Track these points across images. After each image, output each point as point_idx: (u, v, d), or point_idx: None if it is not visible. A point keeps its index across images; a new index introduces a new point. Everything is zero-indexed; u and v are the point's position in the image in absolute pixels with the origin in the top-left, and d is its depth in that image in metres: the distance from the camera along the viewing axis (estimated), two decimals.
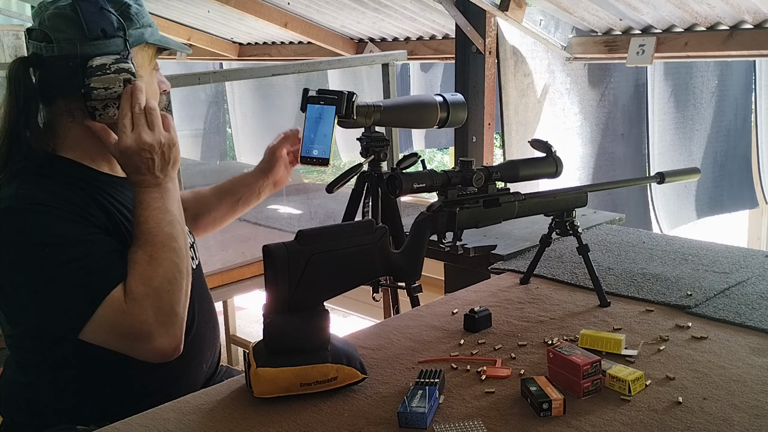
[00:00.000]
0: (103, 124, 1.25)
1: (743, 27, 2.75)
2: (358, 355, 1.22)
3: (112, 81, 1.21)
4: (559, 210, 1.55)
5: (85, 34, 1.20)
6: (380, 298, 2.15)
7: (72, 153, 1.28)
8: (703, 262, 1.79)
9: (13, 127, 1.24)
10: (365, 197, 1.96)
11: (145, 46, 1.28)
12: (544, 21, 3.17)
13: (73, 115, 1.26)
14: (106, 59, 1.20)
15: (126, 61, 1.22)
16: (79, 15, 1.19)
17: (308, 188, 3.41)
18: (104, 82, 1.20)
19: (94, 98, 1.21)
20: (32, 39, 1.24)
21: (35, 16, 1.24)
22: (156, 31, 1.31)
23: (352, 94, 1.75)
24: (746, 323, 1.41)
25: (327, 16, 4.20)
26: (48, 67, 1.23)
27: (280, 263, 1.15)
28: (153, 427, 1.11)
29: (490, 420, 1.08)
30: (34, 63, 1.24)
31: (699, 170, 1.68)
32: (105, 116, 1.23)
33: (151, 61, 1.31)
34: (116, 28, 1.22)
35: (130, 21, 1.24)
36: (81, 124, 1.26)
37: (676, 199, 3.49)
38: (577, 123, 3.46)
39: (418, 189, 1.37)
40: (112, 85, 1.21)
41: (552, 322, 1.46)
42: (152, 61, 1.31)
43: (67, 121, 1.27)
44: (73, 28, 1.20)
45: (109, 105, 1.22)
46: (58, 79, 1.22)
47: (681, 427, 1.05)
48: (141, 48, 1.27)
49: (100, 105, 1.22)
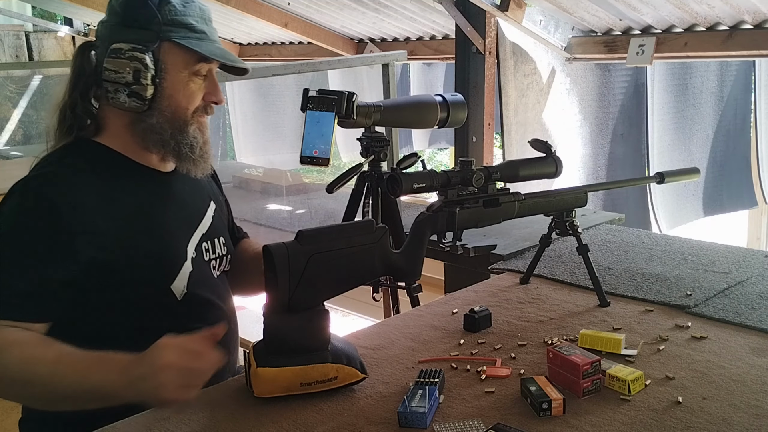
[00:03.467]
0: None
1: (743, 27, 2.76)
2: (358, 355, 1.22)
3: (122, 66, 1.23)
4: (559, 210, 1.55)
5: (120, 20, 1.26)
6: (380, 298, 2.16)
7: (113, 142, 1.31)
8: (702, 262, 1.79)
9: (63, 105, 1.30)
10: (365, 197, 1.97)
11: (178, 49, 1.28)
12: (544, 21, 3.17)
13: (104, 98, 1.29)
14: (125, 45, 1.24)
15: (143, 52, 1.24)
16: (123, 2, 1.26)
17: (308, 188, 3.42)
18: (115, 65, 1.24)
19: (105, 79, 1.25)
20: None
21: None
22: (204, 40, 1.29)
23: (352, 94, 1.75)
24: (746, 323, 1.41)
25: (327, 17, 4.21)
26: (96, 50, 1.29)
27: (280, 263, 1.15)
28: (153, 427, 1.11)
29: (490, 420, 1.08)
30: (92, 48, 1.30)
31: (698, 170, 1.68)
32: (116, 101, 1.26)
33: (189, 66, 1.29)
34: (152, 21, 1.25)
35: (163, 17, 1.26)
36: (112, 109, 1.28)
37: (675, 199, 3.49)
38: (577, 123, 3.46)
39: (418, 189, 1.37)
40: (121, 70, 1.24)
41: (552, 321, 1.46)
42: (190, 66, 1.29)
43: (104, 104, 1.30)
44: (114, 14, 1.27)
45: (119, 90, 1.25)
46: (98, 61, 1.28)
47: (680, 426, 1.05)
48: (174, 49, 1.27)
49: (111, 88, 1.25)
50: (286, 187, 3.52)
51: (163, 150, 1.31)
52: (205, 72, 1.32)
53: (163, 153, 1.31)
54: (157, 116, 1.28)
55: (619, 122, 3.55)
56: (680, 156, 3.46)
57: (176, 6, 1.27)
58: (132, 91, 1.25)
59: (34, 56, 6.05)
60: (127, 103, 1.26)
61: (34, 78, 6.03)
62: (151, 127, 1.28)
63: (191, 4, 1.30)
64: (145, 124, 1.28)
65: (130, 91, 1.25)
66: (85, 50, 1.30)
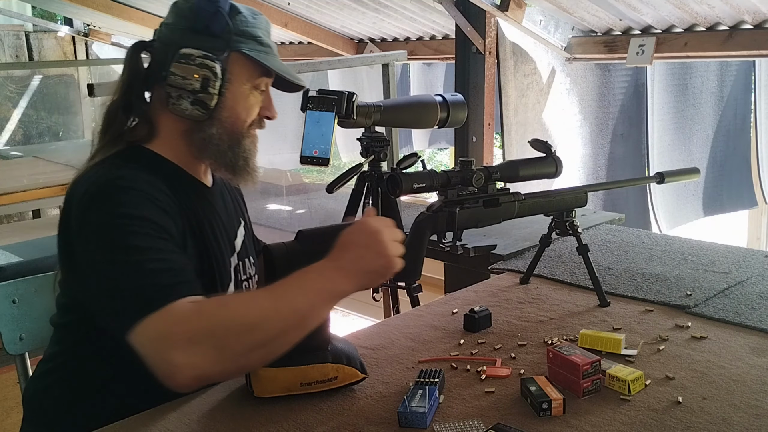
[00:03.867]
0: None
1: (743, 27, 2.75)
2: (358, 355, 1.22)
3: (190, 72, 1.20)
4: (559, 210, 1.55)
5: (190, 25, 1.23)
6: (380, 298, 2.16)
7: (164, 149, 1.27)
8: (702, 262, 1.79)
9: (114, 106, 1.26)
10: (365, 197, 1.97)
11: (245, 60, 1.26)
12: (544, 21, 3.17)
13: (161, 103, 1.26)
14: (195, 51, 1.21)
15: (213, 61, 1.21)
16: (193, 7, 1.23)
17: (308, 188, 3.42)
18: (183, 70, 1.21)
19: (170, 84, 1.21)
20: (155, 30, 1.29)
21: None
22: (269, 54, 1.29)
23: (352, 94, 1.75)
24: (746, 323, 1.41)
25: (327, 17, 4.21)
26: (153, 52, 1.26)
27: (280, 263, 1.15)
28: (153, 427, 1.11)
29: (490, 420, 1.08)
30: (148, 47, 1.27)
31: (699, 170, 1.68)
32: (177, 108, 1.22)
33: (252, 79, 1.28)
34: (223, 31, 1.23)
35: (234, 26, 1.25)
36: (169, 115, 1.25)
37: (675, 199, 3.49)
38: (577, 123, 3.46)
39: (418, 189, 1.37)
40: (189, 77, 1.20)
41: (552, 321, 1.46)
42: (253, 79, 1.28)
43: (159, 109, 1.27)
44: (183, 18, 1.24)
45: (183, 97, 1.22)
46: (156, 63, 1.25)
47: (680, 426, 1.05)
48: (242, 60, 1.26)
49: (174, 93, 1.22)
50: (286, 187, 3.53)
51: (217, 161, 1.28)
52: (264, 86, 1.31)
53: (216, 164, 1.29)
54: (216, 127, 1.26)
55: (619, 122, 3.55)
56: (680, 156, 3.46)
57: (247, 17, 1.27)
58: (197, 98, 1.22)
59: (34, 56, 6.05)
60: (188, 110, 1.22)
61: (34, 78, 6.04)
62: (209, 137, 1.26)
63: (260, 16, 1.29)
64: (204, 134, 1.26)
65: (195, 98, 1.22)
66: (140, 50, 1.27)
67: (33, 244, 2.49)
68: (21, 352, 1.48)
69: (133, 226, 1.10)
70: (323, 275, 1.07)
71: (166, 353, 0.98)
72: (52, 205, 4.04)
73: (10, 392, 2.37)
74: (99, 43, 6.41)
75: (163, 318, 1.01)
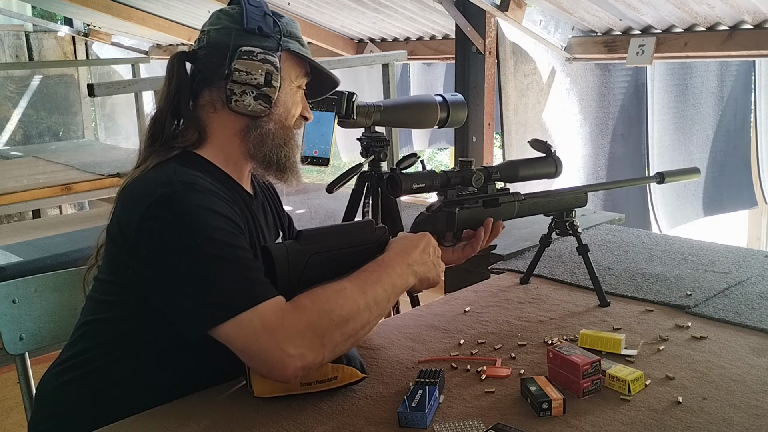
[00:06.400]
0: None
1: (743, 27, 2.76)
2: (358, 355, 1.22)
3: (255, 67, 1.23)
4: (559, 210, 1.55)
5: (243, 26, 1.26)
6: None
7: (213, 153, 1.29)
8: (702, 262, 1.79)
9: (161, 114, 1.28)
10: (365, 197, 1.97)
11: (292, 60, 1.31)
12: (544, 21, 3.17)
13: (215, 106, 1.28)
14: (255, 48, 1.25)
15: (273, 56, 1.25)
16: (243, 10, 1.27)
17: (308, 188, 3.42)
18: (247, 66, 1.23)
19: (235, 80, 1.23)
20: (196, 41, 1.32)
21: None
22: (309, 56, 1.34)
23: (352, 94, 1.75)
24: (746, 323, 1.41)
25: (327, 17, 4.21)
26: (199, 58, 1.29)
27: (279, 263, 1.15)
28: (153, 427, 1.11)
29: (490, 420, 1.08)
30: (190, 57, 1.30)
31: (699, 170, 1.68)
32: (240, 104, 1.25)
33: (298, 78, 1.33)
34: (274, 30, 1.28)
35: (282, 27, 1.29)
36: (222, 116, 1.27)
37: (675, 199, 3.49)
38: (577, 123, 3.46)
39: (418, 189, 1.37)
40: (254, 72, 1.23)
41: (552, 321, 1.46)
42: (300, 78, 1.33)
43: (209, 113, 1.28)
44: (232, 21, 1.27)
45: (246, 93, 1.24)
46: (207, 68, 1.27)
47: (681, 426, 1.05)
48: (291, 59, 1.31)
49: (238, 89, 1.24)
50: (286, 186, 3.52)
51: (269, 159, 1.30)
52: (305, 86, 1.36)
53: (266, 163, 1.31)
54: (273, 123, 1.29)
55: (619, 122, 3.55)
56: (680, 156, 3.46)
57: (288, 21, 1.32)
58: (261, 93, 1.25)
59: (34, 56, 6.05)
60: (251, 106, 1.25)
61: (34, 78, 6.04)
62: (267, 133, 1.29)
63: (295, 22, 1.34)
64: (262, 130, 1.28)
65: (259, 93, 1.25)
66: (184, 59, 1.30)
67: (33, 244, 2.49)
68: (21, 352, 1.48)
69: (220, 222, 1.14)
70: (395, 270, 1.21)
71: (278, 345, 1.06)
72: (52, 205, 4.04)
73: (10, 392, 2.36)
74: (99, 43, 6.41)
75: (272, 310, 1.08)
